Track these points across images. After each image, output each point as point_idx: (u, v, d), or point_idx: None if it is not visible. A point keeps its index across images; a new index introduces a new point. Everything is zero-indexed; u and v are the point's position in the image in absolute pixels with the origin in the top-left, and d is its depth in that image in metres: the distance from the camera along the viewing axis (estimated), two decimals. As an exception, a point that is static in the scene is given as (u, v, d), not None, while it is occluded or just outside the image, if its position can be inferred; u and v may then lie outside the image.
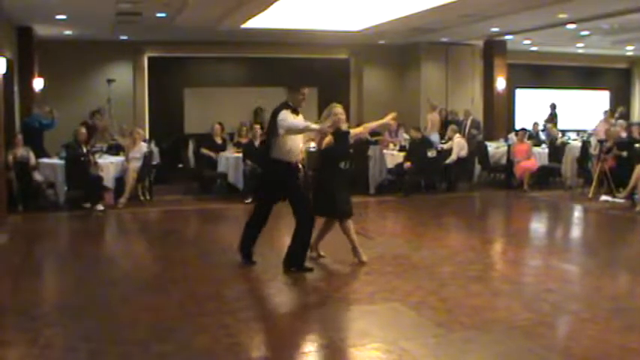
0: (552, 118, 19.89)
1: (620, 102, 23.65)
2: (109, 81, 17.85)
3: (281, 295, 6.86)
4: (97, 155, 13.06)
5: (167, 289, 7.21)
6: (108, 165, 12.97)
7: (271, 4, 13.20)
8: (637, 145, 14.18)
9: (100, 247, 10.18)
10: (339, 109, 8.01)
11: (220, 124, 15.33)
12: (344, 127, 8.07)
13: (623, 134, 14.63)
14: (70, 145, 12.82)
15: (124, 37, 18.11)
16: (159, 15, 14.38)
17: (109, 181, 12.77)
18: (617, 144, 13.71)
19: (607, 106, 21.77)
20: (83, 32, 16.82)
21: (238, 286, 7.32)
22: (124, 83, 18.78)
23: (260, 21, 15.22)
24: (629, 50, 22.16)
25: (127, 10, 13.58)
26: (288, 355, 5.19)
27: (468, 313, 6.22)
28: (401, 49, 20.47)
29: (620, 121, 17.13)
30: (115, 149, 14.35)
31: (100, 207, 12.21)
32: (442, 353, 5.33)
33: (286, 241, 7.73)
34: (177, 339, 5.59)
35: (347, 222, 8.04)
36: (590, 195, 13.75)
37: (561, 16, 14.96)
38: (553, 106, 20.47)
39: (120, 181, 13.01)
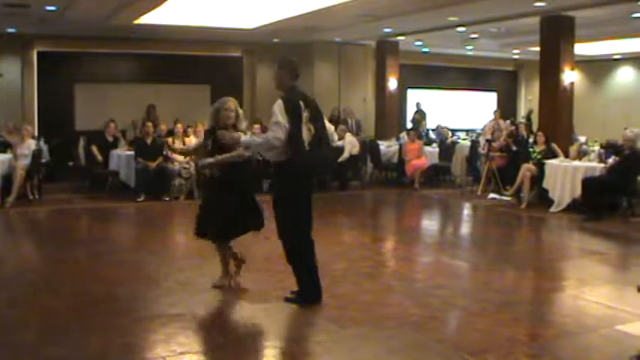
0: (419, 116, 20.39)
1: (506, 103, 24.51)
2: (-5, 75, 17.31)
3: (173, 295, 6.80)
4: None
5: (58, 290, 7.03)
6: (-6, 163, 12.56)
7: (165, 0, 13.09)
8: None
9: (-14, 247, 9.84)
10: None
11: (113, 121, 15.08)
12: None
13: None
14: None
15: (12, 30, 17.50)
16: (48, 8, 13.99)
17: (-5, 179, 12.37)
18: (513, 140, 14.32)
19: (495, 107, 22.44)
20: (-33, 23, 16.23)
21: (131, 285, 7.20)
22: (11, 78, 18.20)
23: (153, 17, 15.02)
24: (516, 53, 22.93)
25: (14, 1, 13.17)
26: (182, 355, 5.16)
27: (361, 309, 6.33)
28: (294, 48, 20.45)
29: (507, 122, 17.71)
30: (1, 146, 13.87)
31: (-14, 206, 11.84)
32: (335, 350, 5.39)
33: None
34: (70, 341, 5.47)
35: None
36: (478, 193, 14.22)
37: (451, 18, 15.38)
38: (417, 105, 21.02)
39: (7, 179, 12.59)
